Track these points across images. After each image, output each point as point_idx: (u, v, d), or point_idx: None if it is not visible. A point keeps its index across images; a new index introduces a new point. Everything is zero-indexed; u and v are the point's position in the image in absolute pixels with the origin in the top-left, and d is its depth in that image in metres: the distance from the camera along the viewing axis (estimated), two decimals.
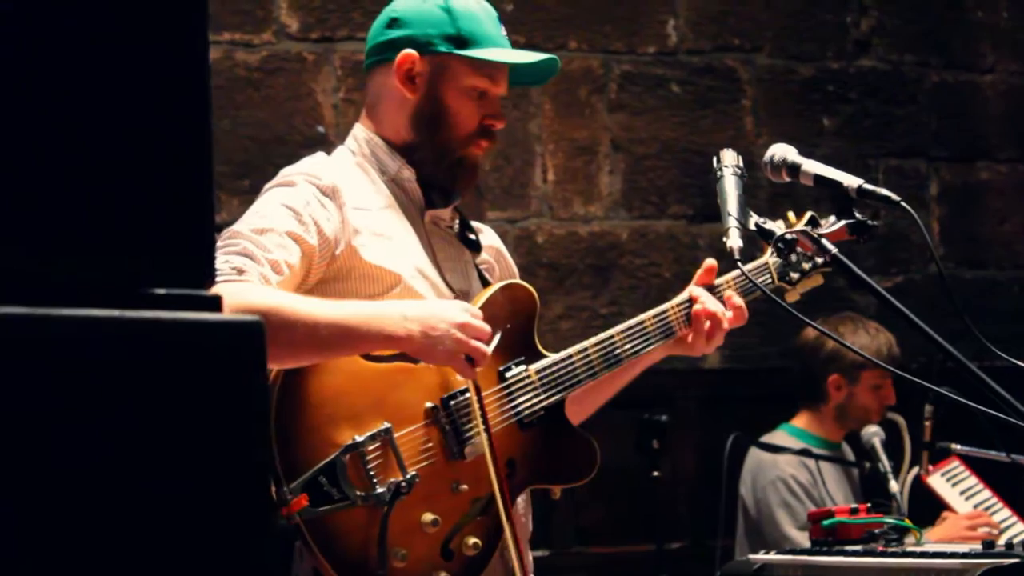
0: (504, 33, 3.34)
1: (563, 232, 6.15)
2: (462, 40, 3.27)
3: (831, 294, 3.84)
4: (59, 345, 1.39)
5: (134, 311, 1.41)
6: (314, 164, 3.24)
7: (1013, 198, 6.85)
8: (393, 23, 3.33)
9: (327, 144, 5.56)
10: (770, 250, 3.50)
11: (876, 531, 3.36)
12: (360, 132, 3.36)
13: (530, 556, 3.35)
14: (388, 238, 3.20)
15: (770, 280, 3.53)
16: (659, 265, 6.28)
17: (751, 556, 3.36)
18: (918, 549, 3.24)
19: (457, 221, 3.42)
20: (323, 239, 3.09)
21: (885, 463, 5.05)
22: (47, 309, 1.36)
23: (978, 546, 3.08)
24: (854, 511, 3.42)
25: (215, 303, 1.48)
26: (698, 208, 6.32)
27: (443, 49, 3.27)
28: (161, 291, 1.46)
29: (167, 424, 1.45)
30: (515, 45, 3.40)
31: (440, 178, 3.30)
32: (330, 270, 3.13)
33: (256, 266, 2.97)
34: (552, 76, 3.49)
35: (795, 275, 3.56)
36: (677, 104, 6.36)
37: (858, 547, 3.30)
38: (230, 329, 1.49)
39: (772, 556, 3.32)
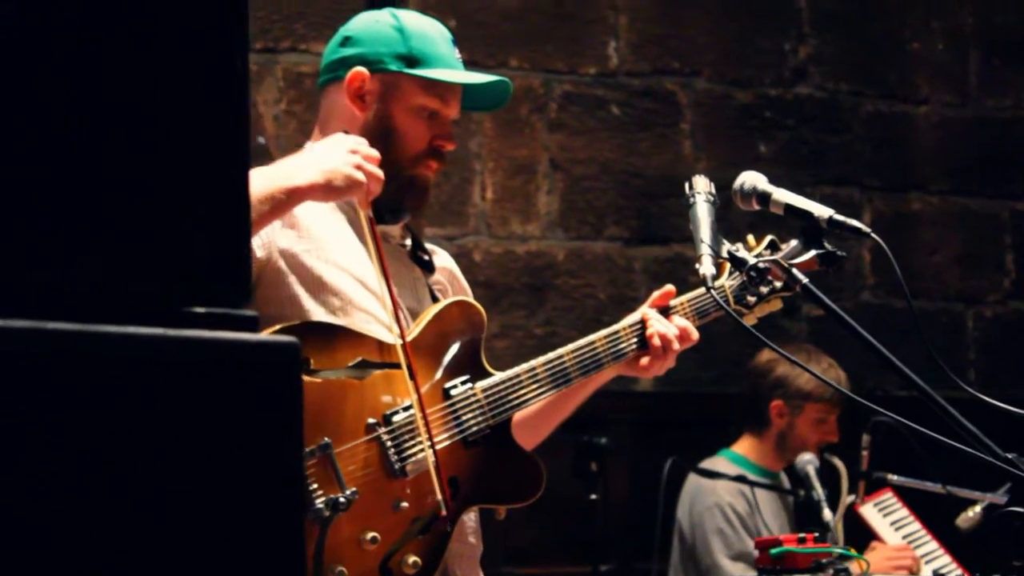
0: (458, 56, 3.34)
1: (500, 250, 6.14)
2: (413, 59, 3.26)
3: (763, 320, 3.87)
4: (103, 361, 1.39)
5: (175, 329, 1.41)
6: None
7: (944, 229, 6.91)
8: (346, 41, 3.33)
9: (267, 156, 5.53)
10: (727, 273, 3.52)
11: (823, 560, 3.35)
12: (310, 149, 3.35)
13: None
14: (331, 248, 3.20)
15: (725, 303, 3.53)
16: (594, 286, 6.28)
17: None
18: None
19: (409, 240, 3.41)
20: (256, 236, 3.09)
21: (819, 491, 5.04)
22: (92, 326, 1.37)
23: None
24: (802, 540, 3.41)
25: (252, 323, 1.48)
26: (634, 230, 6.33)
27: (393, 68, 3.26)
28: (201, 310, 1.46)
29: (205, 441, 1.46)
30: (461, 61, 3.38)
31: (388, 197, 3.29)
32: (266, 274, 3.11)
33: None
34: (506, 101, 3.46)
35: (752, 299, 3.56)
36: (616, 126, 6.37)
37: None
38: (266, 349, 1.51)
39: None
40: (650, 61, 6.44)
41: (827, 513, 4.95)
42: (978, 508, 4.99)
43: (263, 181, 2.98)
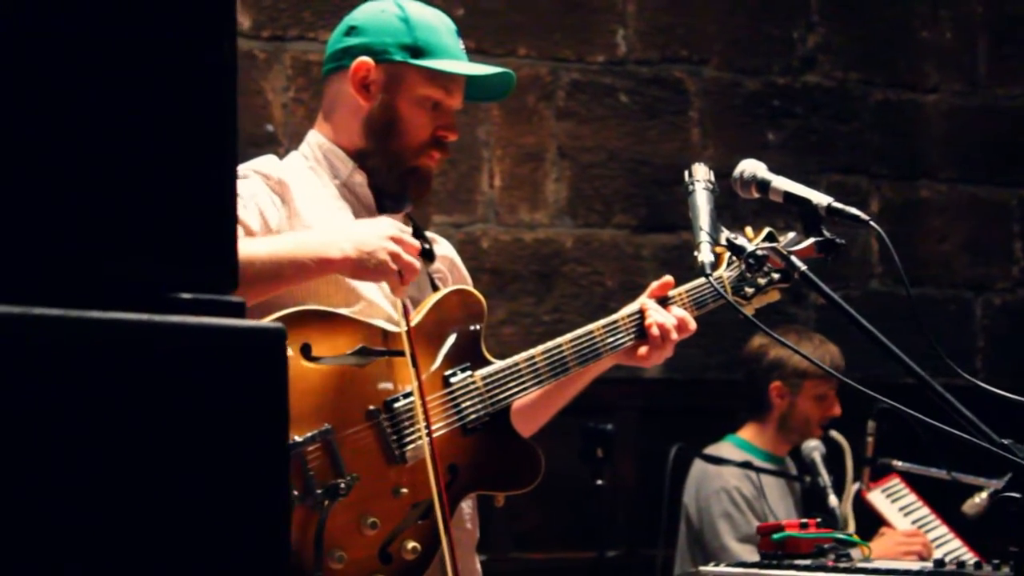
0: (462, 47, 3.36)
1: (508, 238, 6.16)
2: (418, 50, 3.28)
3: (771, 307, 3.88)
4: (89, 346, 1.41)
5: (161, 315, 1.43)
6: (265, 161, 3.27)
7: (952, 217, 6.91)
8: (351, 31, 3.35)
9: (275, 143, 5.57)
10: (724, 264, 3.55)
11: (825, 546, 3.36)
12: (313, 138, 3.37)
13: (477, 563, 3.36)
14: None
15: (723, 291, 3.54)
16: (602, 274, 6.29)
17: (702, 568, 3.35)
18: (868, 565, 3.25)
19: (411, 228, 3.42)
20: (266, 228, 3.11)
21: (825, 477, 5.06)
22: (78, 311, 1.38)
23: (929, 564, 3.09)
24: (804, 525, 3.42)
25: (239, 308, 1.50)
26: (642, 218, 6.34)
27: (398, 58, 3.28)
28: (187, 296, 1.48)
29: (190, 426, 1.48)
30: (465, 51, 3.40)
31: (392, 186, 3.32)
32: None
33: None
34: (509, 92, 3.48)
35: (750, 290, 3.59)
36: (624, 114, 6.37)
37: (808, 561, 3.30)
38: (252, 334, 1.53)
39: (723, 568, 3.32)
40: (658, 49, 6.45)
41: (833, 499, 4.97)
42: (984, 494, 4.98)
43: (297, 244, 3.01)
